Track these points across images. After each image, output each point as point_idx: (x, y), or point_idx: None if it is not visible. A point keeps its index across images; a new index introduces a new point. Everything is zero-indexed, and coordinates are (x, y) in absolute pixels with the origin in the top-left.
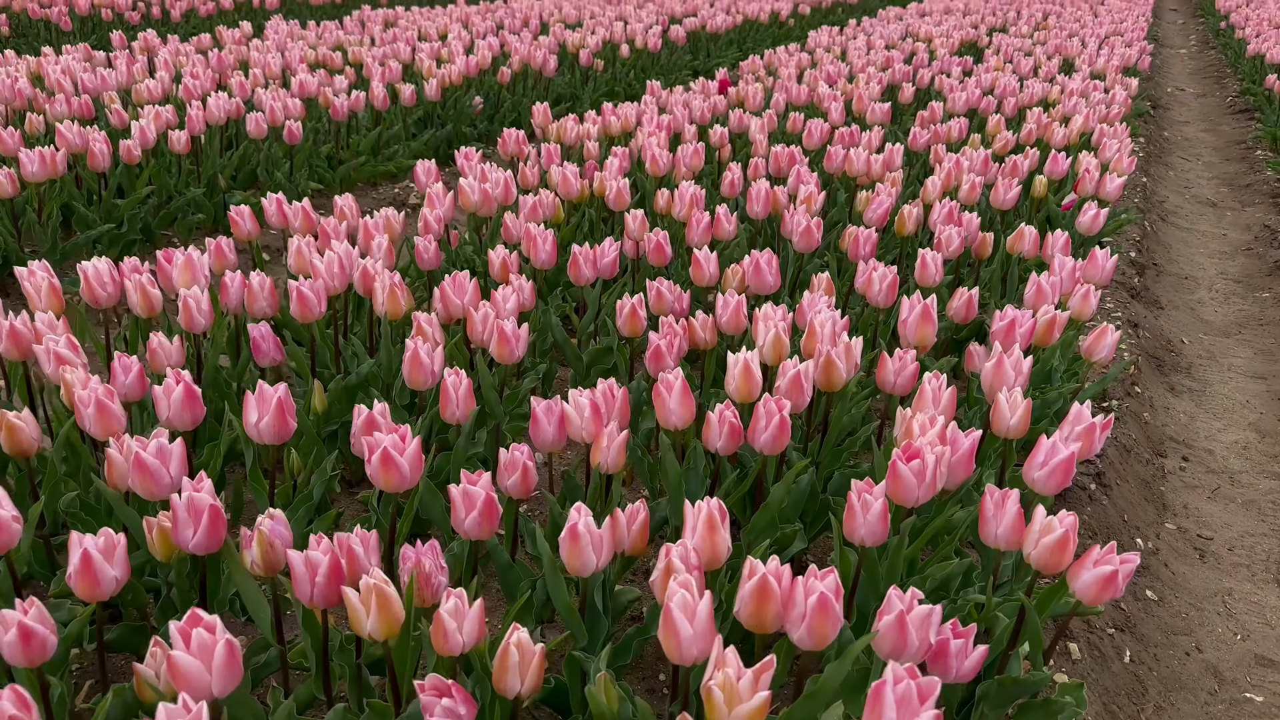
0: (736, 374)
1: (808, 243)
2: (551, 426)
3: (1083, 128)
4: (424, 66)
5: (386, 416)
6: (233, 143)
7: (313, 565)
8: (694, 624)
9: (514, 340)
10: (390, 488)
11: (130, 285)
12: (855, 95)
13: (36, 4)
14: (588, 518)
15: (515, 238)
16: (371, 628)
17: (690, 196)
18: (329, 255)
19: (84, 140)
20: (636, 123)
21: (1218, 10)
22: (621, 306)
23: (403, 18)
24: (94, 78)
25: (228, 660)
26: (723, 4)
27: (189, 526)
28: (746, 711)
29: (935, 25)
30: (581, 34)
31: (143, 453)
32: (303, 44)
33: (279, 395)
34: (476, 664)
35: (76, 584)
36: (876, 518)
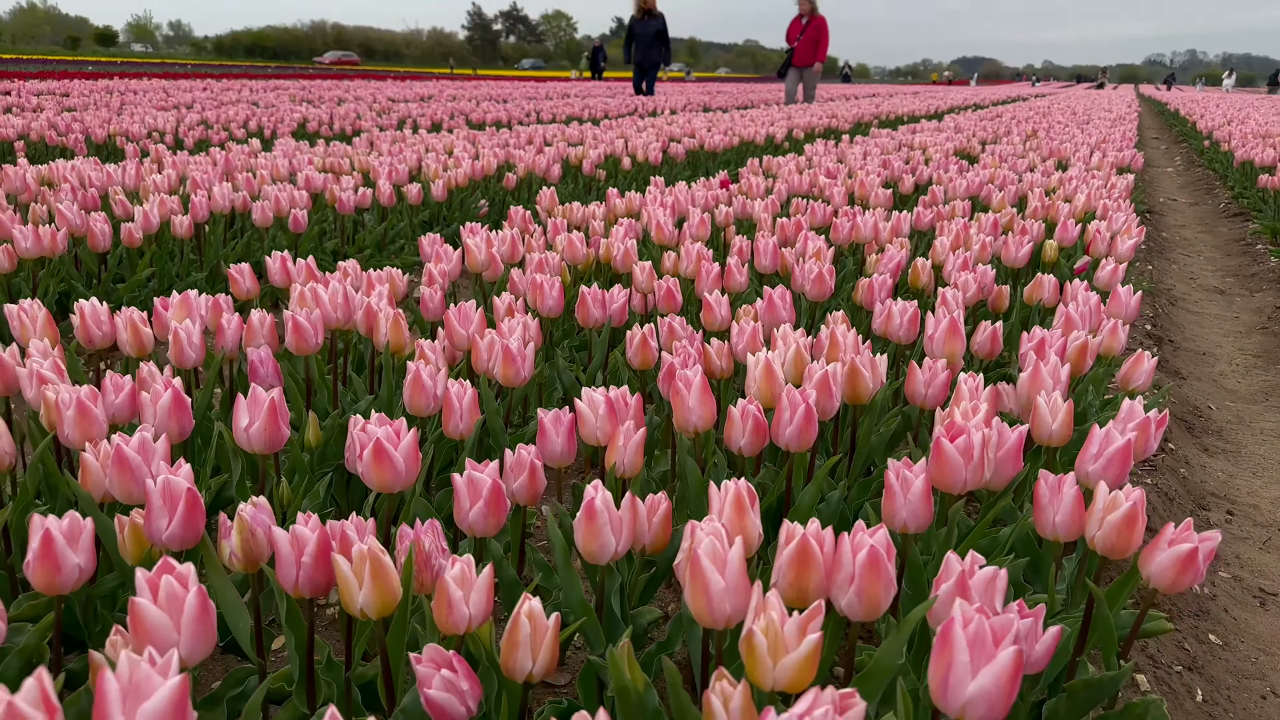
0: (758, 375)
1: (820, 290)
2: (560, 437)
3: (1086, 205)
4: (430, 170)
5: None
6: (238, 234)
7: (299, 543)
8: (725, 575)
9: (519, 360)
10: (383, 486)
11: (121, 322)
12: (858, 183)
13: (54, 131)
14: (606, 495)
15: (521, 292)
16: (364, 602)
17: (697, 251)
18: (333, 286)
19: (84, 221)
20: (641, 204)
21: (1200, 132)
22: (632, 337)
23: (410, 138)
24: (101, 175)
25: (199, 616)
26: (720, 127)
27: (163, 516)
28: (795, 661)
29: (929, 138)
30: (584, 148)
31: (124, 446)
32: (310, 156)
33: (272, 397)
34: (480, 653)
35: (35, 572)
36: (919, 497)
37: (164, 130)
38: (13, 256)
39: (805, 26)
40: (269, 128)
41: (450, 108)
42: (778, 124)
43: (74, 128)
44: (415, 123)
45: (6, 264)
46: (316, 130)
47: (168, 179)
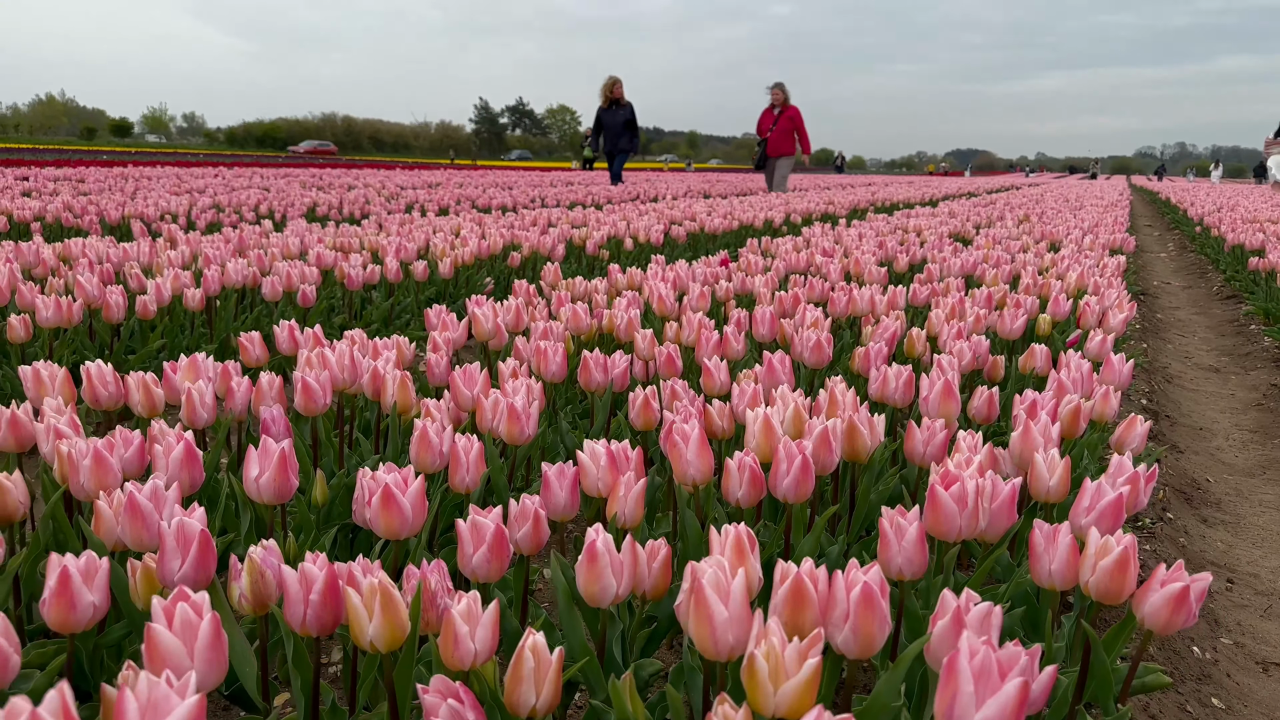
0: (757, 430)
1: (819, 358)
2: (564, 490)
3: (1079, 283)
4: (438, 249)
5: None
6: (247, 308)
7: (308, 581)
8: (729, 605)
9: (524, 418)
10: (391, 532)
11: (133, 383)
12: (853, 261)
13: (69, 213)
14: (607, 537)
15: (526, 358)
16: (374, 634)
17: (699, 320)
18: (340, 349)
19: (101, 293)
20: (643, 279)
21: (1191, 219)
22: (634, 398)
23: (418, 220)
24: (118, 252)
25: (213, 643)
26: (719, 211)
27: (176, 557)
28: (795, 687)
29: (924, 222)
30: (588, 230)
31: (136, 494)
32: (321, 236)
33: (282, 448)
34: (483, 690)
35: (50, 609)
36: (913, 544)
37: (177, 213)
38: (28, 326)
39: (778, 117)
40: (279, 211)
41: (457, 194)
42: (775, 209)
43: (89, 210)
44: (423, 207)
45: (23, 333)
46: (326, 214)
47: (181, 255)
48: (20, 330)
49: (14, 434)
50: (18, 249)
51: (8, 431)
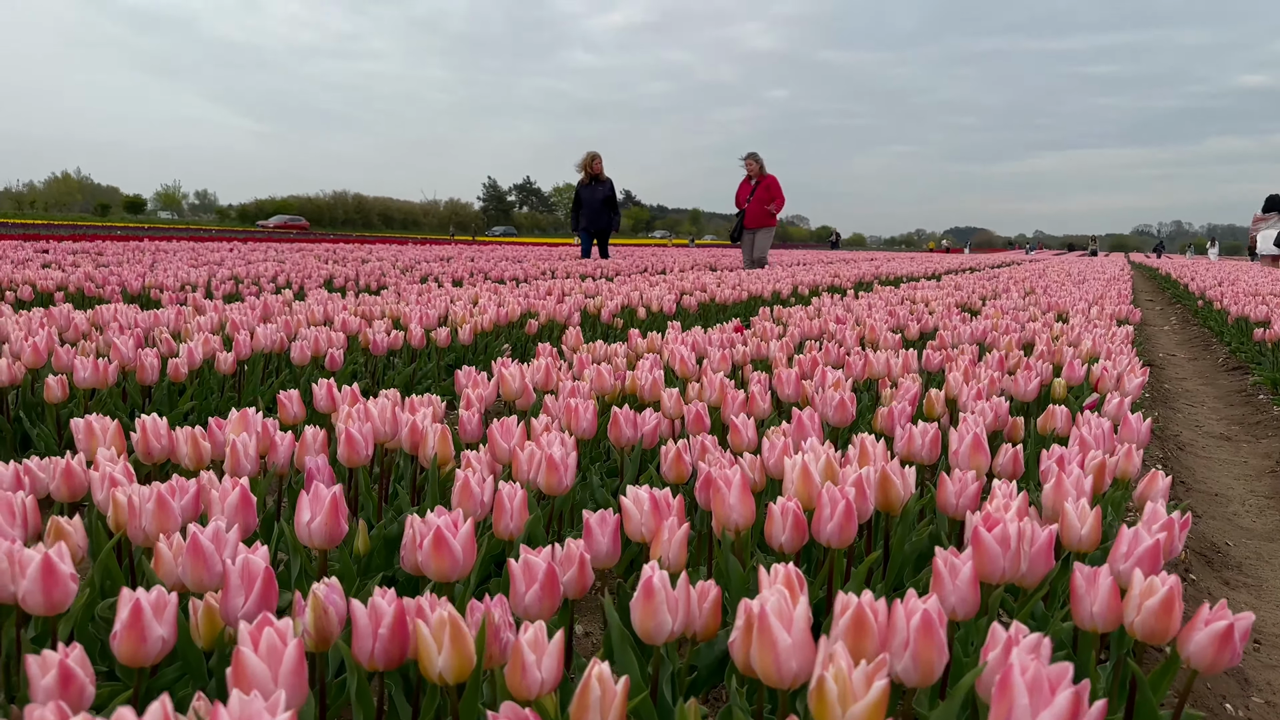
0: (795, 477)
1: (843, 416)
2: (606, 538)
3: (1091, 350)
4: (458, 316)
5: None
6: (273, 373)
7: (377, 615)
8: (792, 632)
9: (562, 468)
10: (442, 575)
11: (182, 436)
12: (867, 327)
13: (91, 283)
14: (663, 574)
15: (555, 416)
16: (443, 666)
17: (720, 380)
18: (381, 402)
19: (136, 355)
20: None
21: (1193, 293)
22: (666, 452)
23: (435, 290)
24: (147, 317)
25: (296, 668)
26: (729, 282)
27: (240, 594)
28: (863, 709)
29: (930, 293)
30: (601, 299)
31: (199, 534)
32: (344, 304)
33: (334, 493)
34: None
35: (120, 643)
36: (966, 584)
37: (196, 283)
38: (65, 386)
39: (755, 188)
40: (296, 282)
41: (470, 266)
42: (782, 281)
43: (110, 280)
44: (438, 279)
45: (60, 393)
46: (343, 285)
47: (210, 321)
48: (58, 390)
49: (67, 484)
50: (50, 314)
51: (61, 481)
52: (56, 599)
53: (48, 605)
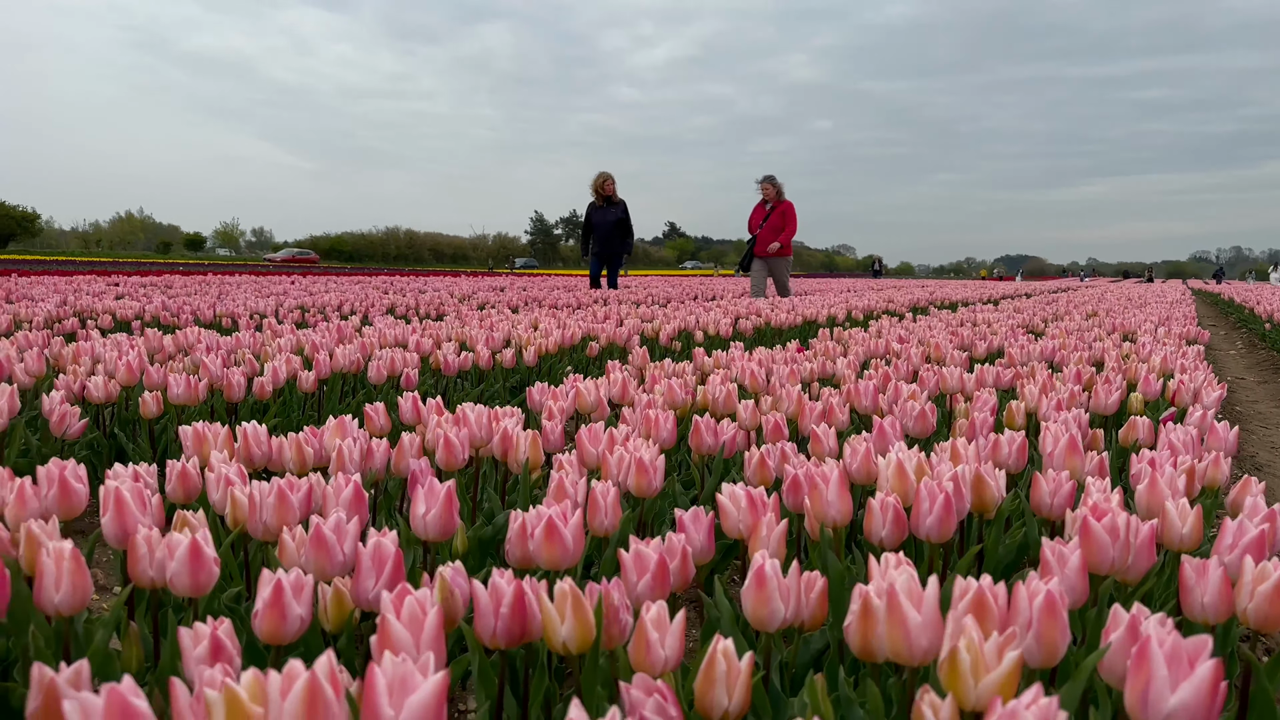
0: (890, 475)
1: (923, 427)
2: (701, 534)
3: (1163, 367)
4: (523, 338)
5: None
6: (350, 392)
7: (498, 595)
8: (922, 610)
9: (652, 470)
10: (552, 563)
11: (287, 442)
12: (933, 346)
13: (167, 312)
14: (774, 562)
15: (635, 426)
16: (566, 635)
17: (797, 393)
18: (478, 408)
19: (224, 374)
20: (729, 360)
21: (1259, 316)
22: (750, 457)
23: (495, 316)
24: (230, 340)
25: (437, 635)
26: (783, 307)
27: (371, 577)
28: (996, 680)
29: (990, 316)
30: (658, 323)
31: (322, 525)
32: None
33: (448, 486)
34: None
35: (261, 621)
36: (1075, 572)
37: (264, 313)
38: (160, 402)
39: (769, 213)
40: (360, 311)
41: (524, 295)
42: (836, 306)
43: (184, 309)
44: (494, 306)
45: (155, 409)
46: (405, 313)
47: (289, 343)
48: (152, 406)
49: (183, 485)
50: (146, 336)
51: (178, 483)
52: (202, 581)
53: (194, 587)
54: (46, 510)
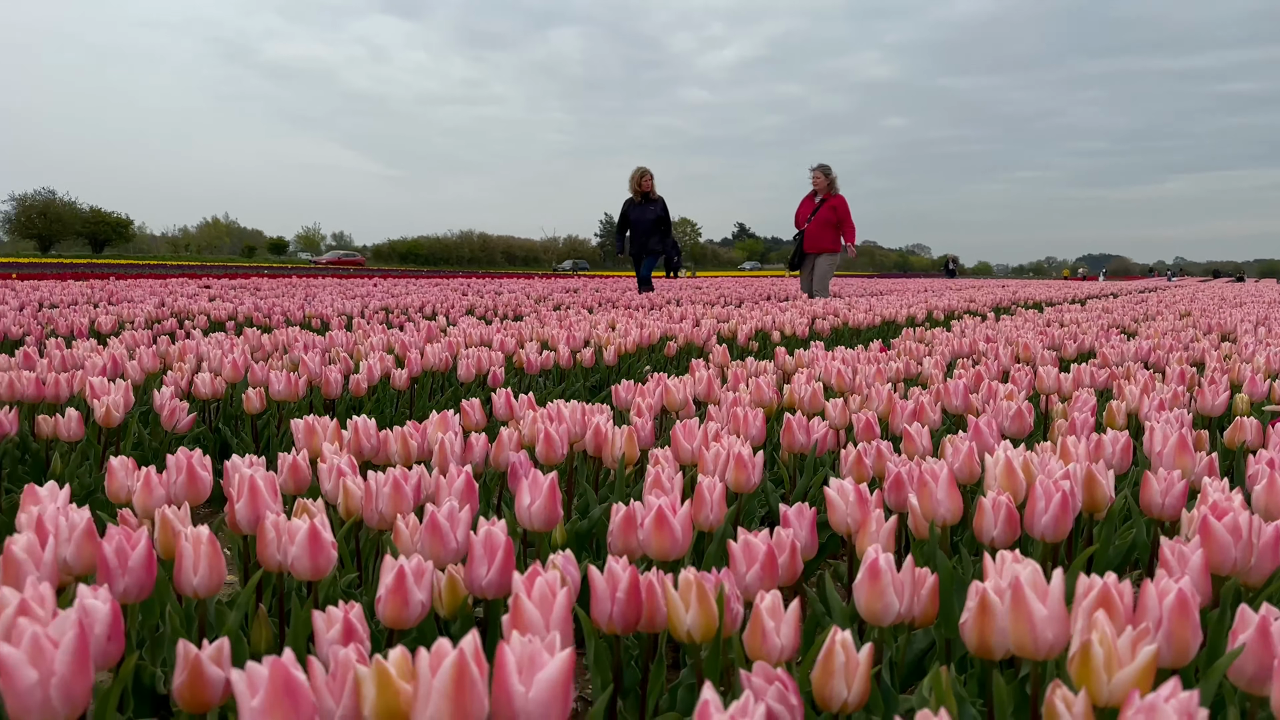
0: (998, 474)
1: (1020, 426)
2: (805, 529)
3: (1268, 367)
4: (602, 338)
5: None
6: (438, 389)
7: (614, 580)
8: (1047, 603)
9: (750, 466)
10: (661, 553)
11: (392, 436)
12: (1021, 345)
13: (259, 313)
14: (888, 556)
15: (723, 424)
16: (691, 624)
17: (888, 391)
18: (572, 404)
19: (323, 371)
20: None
21: None
22: (846, 455)
23: (573, 316)
24: (325, 340)
25: (565, 615)
26: (860, 307)
27: (483, 564)
28: (1132, 673)
29: (1078, 315)
30: (735, 323)
31: (437, 514)
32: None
33: (551, 478)
34: None
35: (385, 606)
36: (1198, 572)
37: (350, 314)
38: (263, 398)
39: (818, 206)
40: (442, 312)
41: (598, 296)
42: (916, 305)
43: (275, 310)
44: (570, 308)
45: (258, 404)
46: (484, 314)
47: (381, 341)
48: (255, 402)
49: (293, 476)
50: (246, 335)
51: (288, 475)
52: (321, 564)
53: (313, 570)
54: (174, 497)
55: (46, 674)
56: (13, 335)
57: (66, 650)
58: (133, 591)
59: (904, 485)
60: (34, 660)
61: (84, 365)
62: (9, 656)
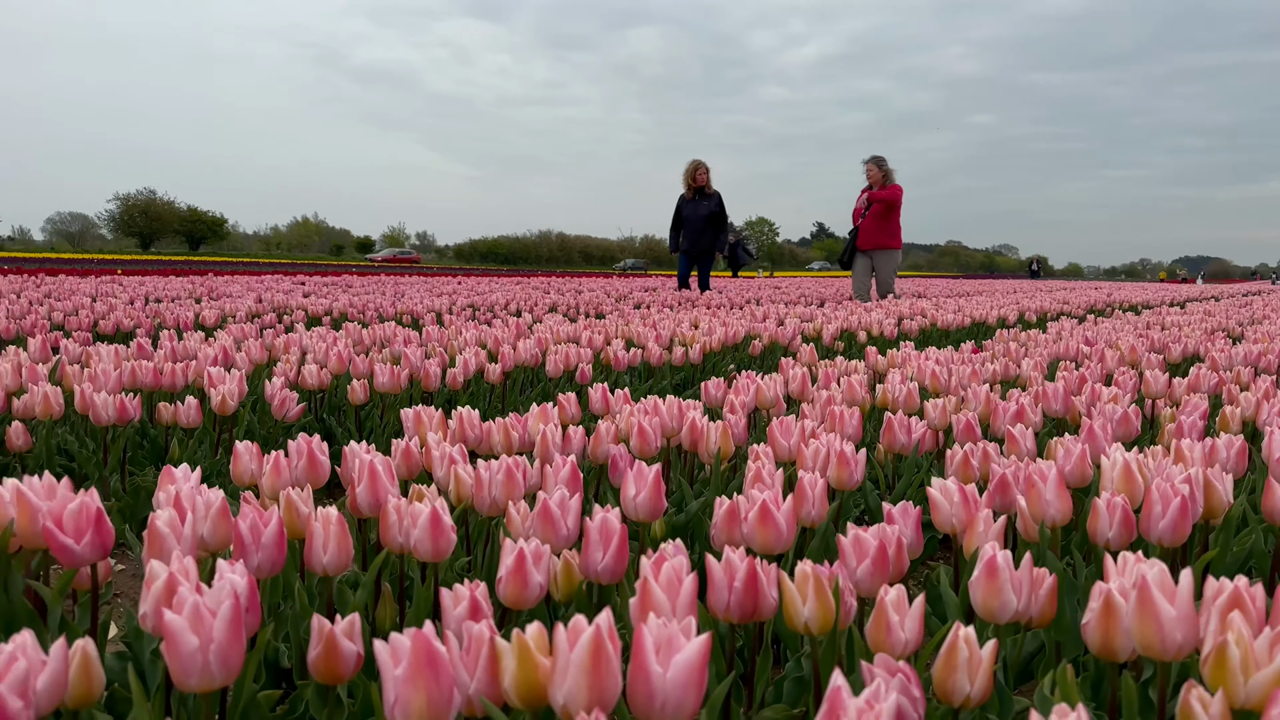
0: (1116, 476)
1: (1127, 430)
2: (910, 528)
3: None
4: (687, 337)
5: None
6: (528, 385)
7: (731, 569)
8: (1176, 604)
9: (853, 463)
10: (765, 547)
11: (495, 427)
12: (1127, 348)
13: (353, 309)
14: (1005, 553)
15: (820, 421)
16: (808, 616)
17: (985, 394)
18: (668, 399)
19: (423, 365)
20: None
21: None
22: (952, 456)
23: (655, 315)
24: (420, 336)
25: (692, 601)
26: (949, 307)
27: (598, 549)
28: (1271, 675)
29: (1180, 318)
30: (819, 323)
31: (549, 501)
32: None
33: (655, 470)
34: None
35: (505, 586)
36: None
37: (439, 310)
38: (366, 389)
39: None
40: (526, 309)
41: (677, 295)
42: (1007, 306)
43: (368, 307)
44: (650, 306)
45: (362, 395)
46: (567, 312)
47: (475, 337)
48: (360, 393)
49: (405, 462)
50: (347, 329)
51: (401, 461)
52: (442, 547)
53: (435, 553)
54: (296, 480)
55: (206, 640)
56: (124, 327)
57: (223, 619)
58: (265, 568)
59: (1010, 487)
60: (194, 627)
61: (197, 356)
62: (173, 623)
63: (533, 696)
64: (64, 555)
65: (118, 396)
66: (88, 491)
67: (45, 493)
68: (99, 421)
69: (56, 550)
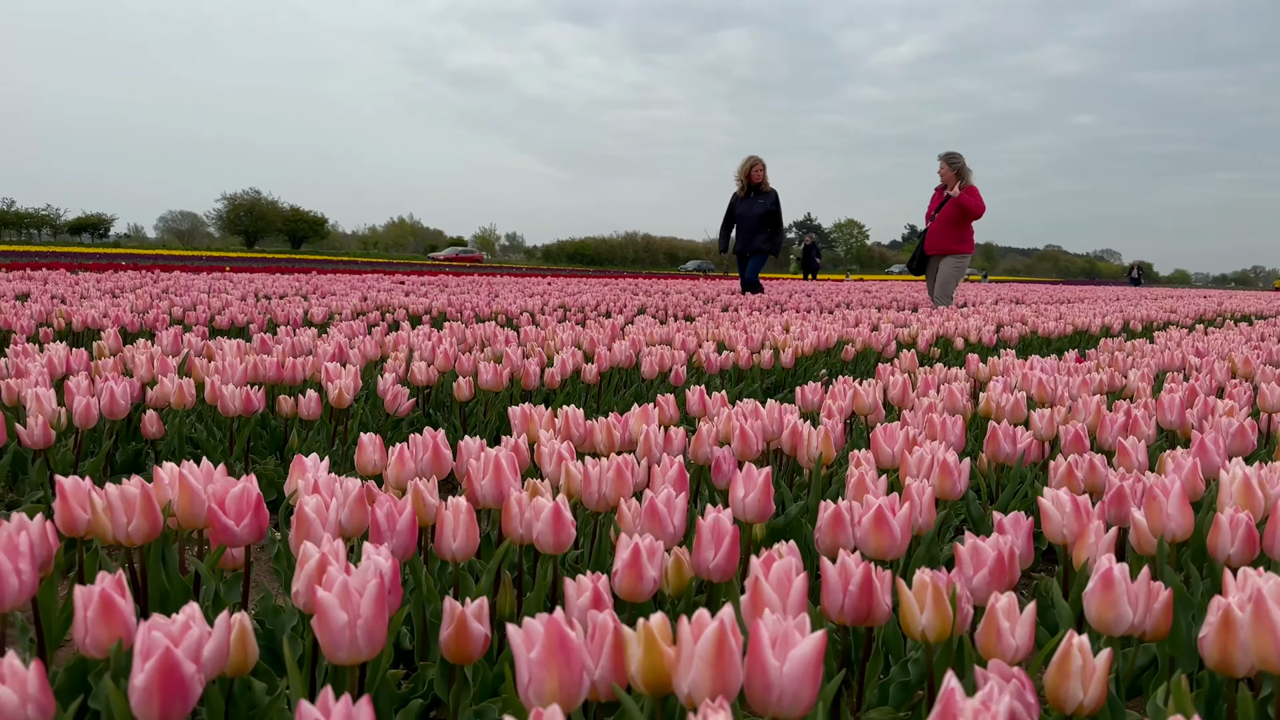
0: (1234, 491)
1: (1243, 444)
2: (1021, 538)
3: None
4: (779, 339)
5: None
6: (625, 384)
7: (846, 573)
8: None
9: (957, 473)
10: (879, 552)
11: (598, 426)
12: (1241, 359)
13: (451, 308)
14: (1122, 565)
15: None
16: (925, 624)
17: (1096, 403)
18: (770, 404)
19: (523, 364)
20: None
21: None
22: (1055, 467)
23: (745, 318)
24: (520, 335)
25: (802, 599)
26: (1049, 315)
27: (710, 548)
28: None
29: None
30: (914, 329)
31: (656, 499)
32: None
33: (766, 472)
34: None
35: (621, 579)
36: None
37: (532, 311)
38: (471, 387)
39: (944, 202)
40: (615, 310)
41: (764, 299)
42: (1110, 315)
43: (465, 306)
44: (738, 309)
45: (467, 392)
46: (656, 314)
47: (571, 338)
48: (465, 390)
49: (516, 458)
50: (450, 328)
51: (510, 455)
52: (563, 539)
53: (556, 545)
54: (421, 471)
55: (353, 616)
56: (238, 323)
57: (369, 596)
58: (399, 552)
59: (1126, 499)
60: (343, 604)
61: (314, 351)
62: (324, 600)
63: (658, 683)
64: (225, 535)
65: (244, 389)
66: (248, 477)
67: (204, 477)
68: (226, 412)
69: (218, 530)
